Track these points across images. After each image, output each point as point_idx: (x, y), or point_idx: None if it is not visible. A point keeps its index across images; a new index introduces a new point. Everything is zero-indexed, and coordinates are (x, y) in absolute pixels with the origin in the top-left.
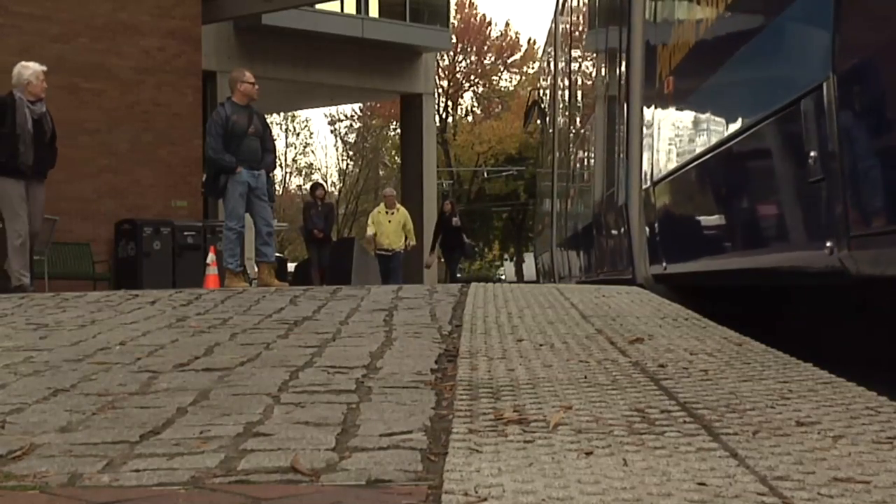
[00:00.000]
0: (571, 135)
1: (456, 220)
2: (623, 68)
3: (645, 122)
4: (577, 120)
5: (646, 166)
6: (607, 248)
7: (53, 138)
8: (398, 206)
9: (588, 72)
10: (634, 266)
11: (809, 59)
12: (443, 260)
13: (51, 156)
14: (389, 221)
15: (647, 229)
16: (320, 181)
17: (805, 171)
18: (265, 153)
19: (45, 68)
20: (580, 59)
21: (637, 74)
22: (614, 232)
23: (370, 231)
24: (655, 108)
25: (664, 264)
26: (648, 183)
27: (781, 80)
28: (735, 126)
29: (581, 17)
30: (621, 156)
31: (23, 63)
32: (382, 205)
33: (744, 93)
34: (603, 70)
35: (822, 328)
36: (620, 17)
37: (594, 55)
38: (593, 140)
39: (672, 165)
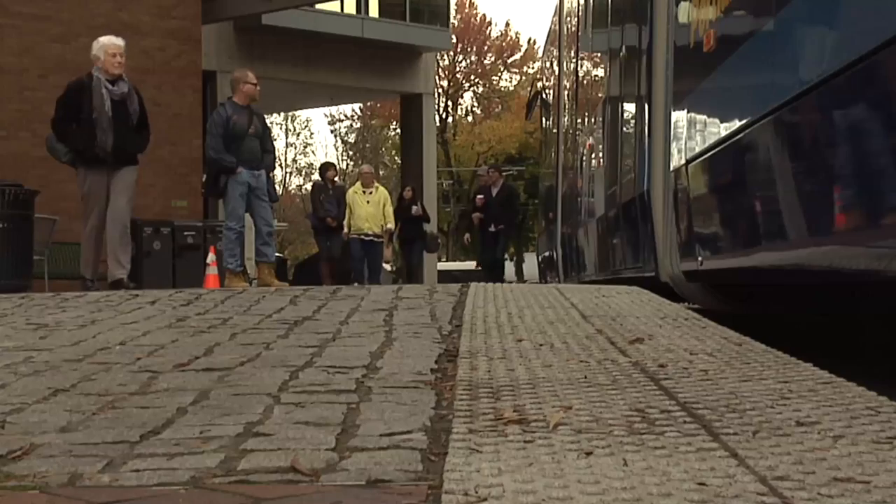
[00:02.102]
0: (580, 119)
1: (416, 209)
2: (646, 21)
3: (674, 87)
4: (588, 103)
5: (675, 143)
6: (622, 242)
7: (143, 121)
8: (377, 184)
9: (603, 47)
10: (658, 261)
11: None
12: (399, 252)
13: (138, 140)
14: (367, 202)
15: (675, 218)
16: (331, 161)
17: None
18: (265, 153)
19: (120, 42)
20: (594, 34)
21: (663, 21)
22: (631, 224)
23: (345, 228)
24: (687, 67)
25: (700, 258)
26: (682, 161)
27: None
28: (819, 68)
29: None
30: (643, 133)
31: (100, 37)
32: (359, 183)
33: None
34: (620, 37)
35: None
36: None
37: (609, 23)
38: (607, 121)
39: (717, 136)
